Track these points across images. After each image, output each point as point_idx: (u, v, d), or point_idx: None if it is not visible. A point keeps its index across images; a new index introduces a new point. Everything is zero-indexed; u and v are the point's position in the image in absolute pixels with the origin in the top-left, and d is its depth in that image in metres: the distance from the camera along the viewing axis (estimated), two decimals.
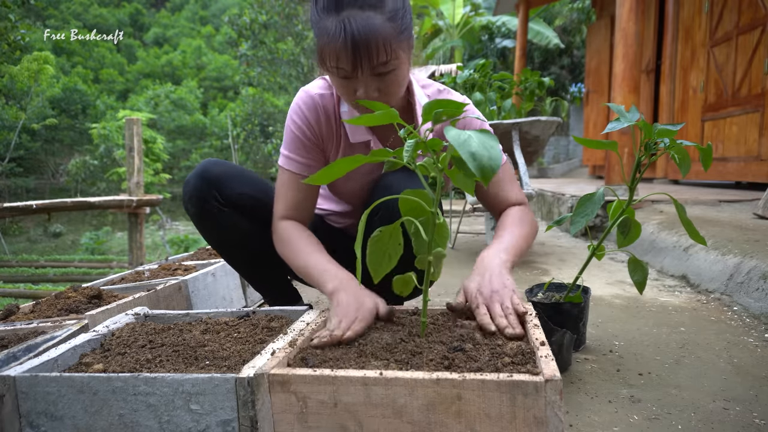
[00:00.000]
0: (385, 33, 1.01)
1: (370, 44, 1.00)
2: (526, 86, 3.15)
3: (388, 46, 1.02)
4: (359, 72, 1.03)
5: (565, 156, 13.19)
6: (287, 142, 1.25)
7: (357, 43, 0.99)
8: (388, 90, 1.09)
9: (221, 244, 1.37)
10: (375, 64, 1.02)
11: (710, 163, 1.15)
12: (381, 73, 1.05)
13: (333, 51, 1.01)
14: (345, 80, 1.07)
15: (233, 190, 1.29)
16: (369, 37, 0.99)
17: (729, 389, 1.16)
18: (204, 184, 1.27)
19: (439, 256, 0.92)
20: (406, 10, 1.07)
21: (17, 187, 22.22)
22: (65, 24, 36.66)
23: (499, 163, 0.74)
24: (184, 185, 1.30)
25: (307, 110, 1.23)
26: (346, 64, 1.02)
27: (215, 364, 0.91)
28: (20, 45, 10.36)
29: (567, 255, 2.96)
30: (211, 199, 1.27)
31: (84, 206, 7.29)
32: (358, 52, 1.00)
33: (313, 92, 1.24)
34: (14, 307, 1.44)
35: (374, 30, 1.00)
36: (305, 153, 1.24)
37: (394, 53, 1.04)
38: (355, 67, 1.02)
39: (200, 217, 1.30)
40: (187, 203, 1.30)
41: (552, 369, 0.74)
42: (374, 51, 1.01)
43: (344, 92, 1.11)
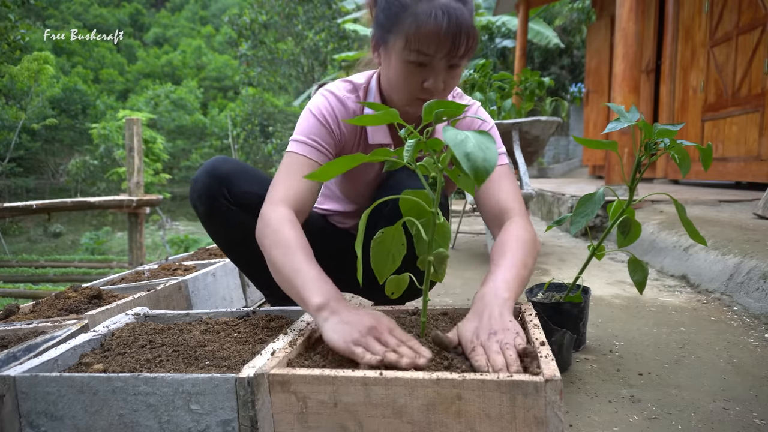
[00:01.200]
0: (471, 21, 1.05)
1: (467, 34, 1.04)
2: (526, 86, 3.15)
3: (472, 39, 1.06)
4: (447, 58, 1.06)
5: (565, 156, 13.19)
6: (304, 127, 1.19)
7: (457, 30, 1.03)
8: (451, 84, 1.12)
9: (228, 242, 1.35)
10: (462, 53, 1.06)
11: (710, 163, 1.15)
12: (454, 65, 1.09)
13: (431, 35, 1.03)
14: (418, 68, 1.07)
15: (241, 188, 1.26)
16: (466, 26, 1.04)
17: (729, 389, 1.16)
18: (213, 181, 1.25)
19: (441, 257, 0.91)
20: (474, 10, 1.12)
21: (17, 187, 22.22)
22: (65, 24, 36.68)
23: (494, 165, 0.73)
24: (192, 183, 1.28)
25: (336, 109, 1.21)
26: (438, 50, 1.04)
27: (215, 364, 0.91)
28: (20, 45, 10.37)
29: (567, 255, 2.96)
30: (220, 197, 1.25)
31: (84, 206, 7.29)
32: (457, 39, 1.03)
33: (342, 95, 1.22)
34: (14, 307, 1.44)
35: (468, 21, 1.04)
36: (321, 140, 1.18)
37: (474, 48, 1.08)
38: (449, 52, 1.05)
39: (209, 215, 1.28)
40: (196, 201, 1.28)
41: (552, 369, 0.74)
42: (465, 41, 1.05)
43: (410, 82, 1.09)
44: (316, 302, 0.91)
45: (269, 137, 18.45)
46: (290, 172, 1.14)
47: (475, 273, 2.52)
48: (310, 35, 16.87)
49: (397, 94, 1.14)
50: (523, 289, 1.05)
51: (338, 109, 1.21)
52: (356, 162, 0.84)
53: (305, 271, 0.97)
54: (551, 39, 12.08)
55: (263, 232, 1.07)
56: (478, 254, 3.05)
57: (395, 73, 1.11)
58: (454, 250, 3.24)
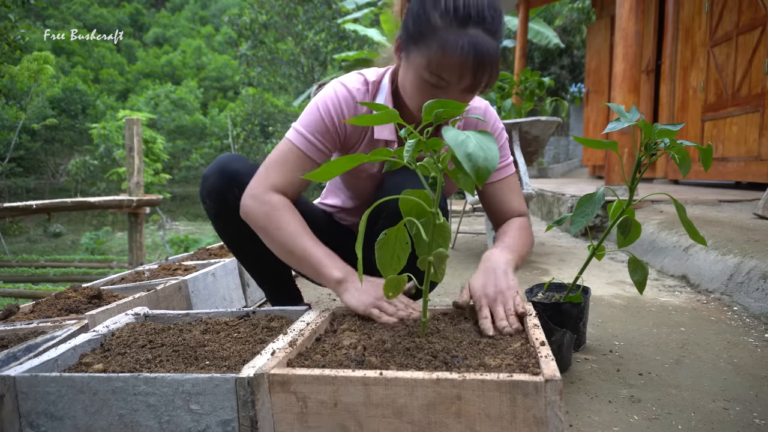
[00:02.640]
0: (497, 60, 1.06)
1: (491, 70, 1.05)
2: (526, 86, 3.15)
3: (496, 73, 1.07)
4: (468, 90, 1.07)
5: (565, 156, 13.18)
6: (308, 121, 1.20)
7: (481, 66, 1.03)
8: (462, 106, 1.12)
9: (236, 240, 1.35)
10: (483, 87, 1.08)
11: (710, 163, 1.15)
12: (473, 93, 1.10)
13: (455, 65, 1.03)
14: (435, 90, 1.08)
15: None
16: (492, 62, 1.04)
17: (729, 389, 1.16)
18: (224, 179, 1.26)
19: (440, 257, 0.92)
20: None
21: (17, 187, 22.22)
22: (65, 24, 36.69)
23: (496, 165, 0.74)
24: (203, 180, 1.29)
25: (344, 102, 1.21)
26: (459, 82, 1.05)
27: (215, 364, 0.91)
28: (20, 45, 10.37)
29: (567, 255, 2.96)
30: (230, 195, 1.25)
31: (84, 206, 7.29)
32: (480, 74, 1.04)
33: (352, 87, 1.22)
34: (14, 307, 1.44)
35: (495, 57, 1.05)
36: (322, 138, 1.20)
37: (496, 78, 1.10)
38: (472, 86, 1.06)
39: (218, 212, 1.29)
40: (206, 198, 1.28)
41: (552, 369, 0.74)
42: (489, 76, 1.06)
43: (422, 97, 1.10)
44: (337, 276, 1.09)
45: (269, 137, 18.45)
46: (286, 162, 1.19)
47: None
48: (310, 35, 16.87)
49: (408, 101, 1.16)
50: (523, 262, 1.21)
51: (346, 103, 1.21)
52: (356, 162, 0.85)
53: (318, 250, 1.12)
54: (551, 39, 12.07)
55: (268, 215, 1.14)
56: (478, 254, 3.05)
57: (410, 84, 1.12)
58: (454, 250, 3.24)
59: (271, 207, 1.14)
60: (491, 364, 0.82)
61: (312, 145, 1.19)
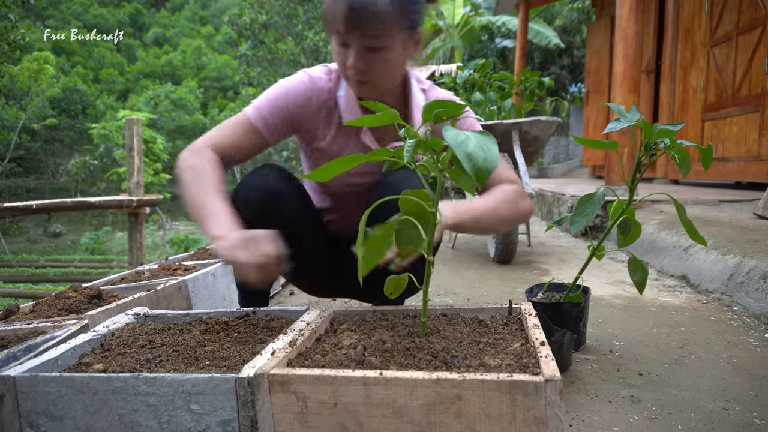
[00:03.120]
0: (386, 11, 1.07)
1: (365, 11, 1.06)
2: (526, 86, 3.15)
3: (382, 20, 1.07)
4: (351, 37, 1.09)
5: (565, 156, 13.19)
6: (265, 98, 1.25)
7: (354, 6, 1.05)
8: (374, 68, 1.13)
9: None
10: (367, 34, 1.08)
11: (710, 163, 1.15)
12: (372, 47, 1.10)
13: (332, 11, 1.07)
14: (342, 48, 1.12)
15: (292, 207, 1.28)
16: (374, 8, 1.05)
17: (729, 389, 1.16)
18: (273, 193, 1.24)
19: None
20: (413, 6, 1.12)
21: (17, 187, 22.22)
22: (65, 24, 36.69)
23: (495, 165, 0.74)
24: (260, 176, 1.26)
25: (301, 87, 1.25)
26: (341, 26, 1.08)
27: (215, 364, 0.91)
28: (20, 45, 10.37)
29: (567, 255, 2.96)
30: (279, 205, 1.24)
31: (84, 206, 7.28)
32: (352, 15, 1.06)
33: (314, 75, 1.27)
34: (14, 307, 1.44)
35: (377, 3, 1.06)
36: (273, 114, 1.24)
37: (387, 31, 1.09)
38: (348, 30, 1.08)
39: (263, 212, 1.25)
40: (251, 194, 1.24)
41: (552, 369, 0.74)
42: (367, 19, 1.06)
43: (338, 60, 1.15)
44: (214, 232, 1.04)
45: None
46: (231, 126, 1.23)
47: (476, 273, 2.52)
48: (310, 35, 16.86)
49: (340, 70, 1.19)
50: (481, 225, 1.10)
51: (304, 88, 1.25)
52: (356, 162, 0.85)
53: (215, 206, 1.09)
54: (551, 39, 12.08)
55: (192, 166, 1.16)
56: (478, 254, 3.05)
57: (333, 52, 1.16)
58: (454, 250, 3.24)
59: (198, 159, 1.16)
60: (491, 364, 0.82)
61: (262, 118, 1.23)
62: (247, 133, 1.23)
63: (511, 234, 2.58)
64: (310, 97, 1.26)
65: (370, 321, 1.07)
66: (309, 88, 1.26)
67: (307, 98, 1.26)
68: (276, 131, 1.25)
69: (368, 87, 1.17)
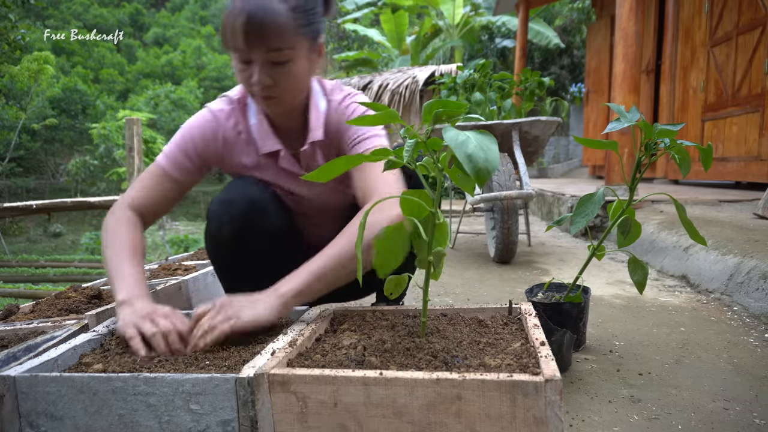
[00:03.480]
0: (282, 19, 1.05)
1: (264, 25, 1.03)
2: (526, 86, 3.15)
3: (282, 33, 1.05)
4: (251, 52, 1.06)
5: (565, 156, 13.19)
6: (174, 144, 1.25)
7: (251, 21, 1.03)
8: (282, 81, 1.11)
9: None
10: (268, 47, 1.06)
11: (710, 163, 1.15)
12: (275, 62, 1.08)
13: (230, 28, 1.05)
14: (243, 65, 1.10)
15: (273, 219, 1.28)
16: (264, 17, 1.03)
17: (729, 389, 1.16)
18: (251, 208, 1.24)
19: (439, 256, 0.91)
20: (312, 10, 1.10)
21: (17, 187, 22.21)
22: (65, 24, 36.69)
23: (496, 166, 0.74)
24: (226, 204, 1.24)
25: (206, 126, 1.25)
26: (240, 43, 1.05)
27: (215, 364, 0.91)
28: (20, 45, 10.37)
29: (567, 255, 2.96)
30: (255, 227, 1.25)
31: (84, 206, 7.28)
32: (250, 30, 1.03)
33: (216, 108, 1.27)
34: (14, 307, 1.44)
35: (271, 12, 1.03)
36: (185, 159, 1.24)
37: (289, 43, 1.07)
38: (248, 45, 1.05)
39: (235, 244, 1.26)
40: (226, 224, 1.24)
41: (552, 369, 0.74)
42: (267, 33, 1.04)
43: (241, 78, 1.12)
44: (120, 298, 1.06)
45: None
46: (145, 179, 1.25)
47: (476, 273, 2.52)
48: None
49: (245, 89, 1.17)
50: (326, 280, 1.04)
51: (210, 125, 1.25)
52: (356, 162, 0.85)
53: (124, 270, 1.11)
54: (551, 39, 12.07)
55: (106, 225, 1.19)
56: (478, 254, 3.05)
57: (235, 71, 1.14)
58: (454, 250, 3.24)
59: (115, 222, 1.19)
60: (491, 364, 0.82)
61: (174, 165, 1.24)
62: (163, 183, 1.24)
63: (511, 234, 2.58)
64: (216, 133, 1.25)
65: (370, 321, 1.07)
66: (213, 124, 1.25)
67: (213, 135, 1.25)
68: (191, 173, 1.26)
69: (276, 102, 1.16)
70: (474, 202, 2.50)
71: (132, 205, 1.23)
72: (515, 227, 2.57)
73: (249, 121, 1.26)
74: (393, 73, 9.44)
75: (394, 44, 14.56)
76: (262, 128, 1.24)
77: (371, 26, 16.95)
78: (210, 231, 1.28)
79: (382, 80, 8.92)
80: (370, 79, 9.21)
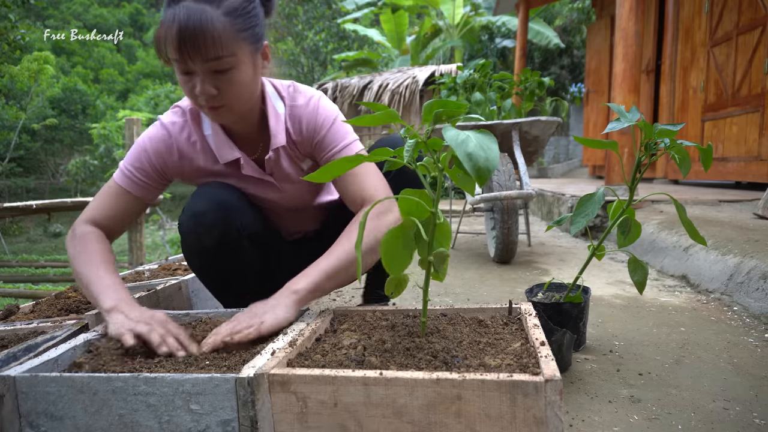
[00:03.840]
0: (218, 26, 1.01)
1: (198, 34, 0.99)
2: (526, 86, 3.15)
3: (219, 40, 1.02)
4: (190, 63, 1.03)
5: (565, 156, 13.19)
6: (130, 159, 1.23)
7: (184, 31, 0.99)
8: (226, 90, 1.08)
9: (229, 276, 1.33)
10: (206, 57, 1.02)
11: (710, 163, 1.15)
12: (217, 70, 1.05)
13: (164, 40, 1.02)
14: (186, 76, 1.07)
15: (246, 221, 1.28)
16: (198, 26, 0.99)
17: (729, 389, 1.16)
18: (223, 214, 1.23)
19: (442, 257, 0.91)
20: (250, 13, 1.07)
21: (17, 187, 22.20)
22: (65, 24, 36.68)
23: (496, 165, 0.74)
24: (199, 216, 1.23)
25: (161, 139, 1.23)
26: (176, 54, 1.02)
27: (215, 364, 0.91)
28: (20, 45, 10.37)
29: (567, 255, 2.96)
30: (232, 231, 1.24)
31: (84, 206, 7.25)
32: (185, 40, 1.00)
33: (168, 122, 1.24)
34: (14, 307, 1.44)
35: (204, 21, 0.99)
36: (141, 174, 1.23)
37: (229, 50, 1.04)
38: (184, 56, 1.02)
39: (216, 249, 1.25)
40: (204, 234, 1.23)
41: (552, 369, 0.74)
42: (203, 42, 1.00)
43: (186, 90, 1.09)
44: (108, 305, 1.04)
45: None
46: (103, 196, 1.23)
47: (476, 273, 2.52)
48: (310, 35, 16.86)
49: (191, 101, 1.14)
50: (338, 279, 1.09)
51: (163, 139, 1.23)
52: (356, 162, 0.85)
53: (104, 280, 1.10)
54: (551, 39, 12.08)
55: (70, 247, 1.17)
56: (478, 254, 3.05)
57: (180, 83, 1.10)
58: (454, 250, 3.24)
59: (78, 238, 1.17)
60: (491, 364, 0.82)
61: (131, 181, 1.22)
62: (123, 201, 1.22)
63: (511, 234, 2.58)
64: (170, 147, 1.23)
65: (370, 321, 1.07)
66: (166, 139, 1.23)
67: (168, 149, 1.23)
68: (150, 189, 1.24)
69: (225, 111, 1.12)
70: (474, 202, 2.50)
71: (93, 223, 1.21)
72: (515, 227, 2.57)
73: (204, 131, 1.23)
74: (393, 73, 9.45)
75: (394, 44, 14.56)
76: (218, 138, 1.22)
77: (371, 26, 16.95)
78: (188, 245, 1.26)
79: (382, 80, 8.93)
80: (370, 79, 9.22)
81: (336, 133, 1.23)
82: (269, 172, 1.28)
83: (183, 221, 1.24)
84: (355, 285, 2.24)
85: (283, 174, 1.29)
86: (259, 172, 1.27)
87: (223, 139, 1.22)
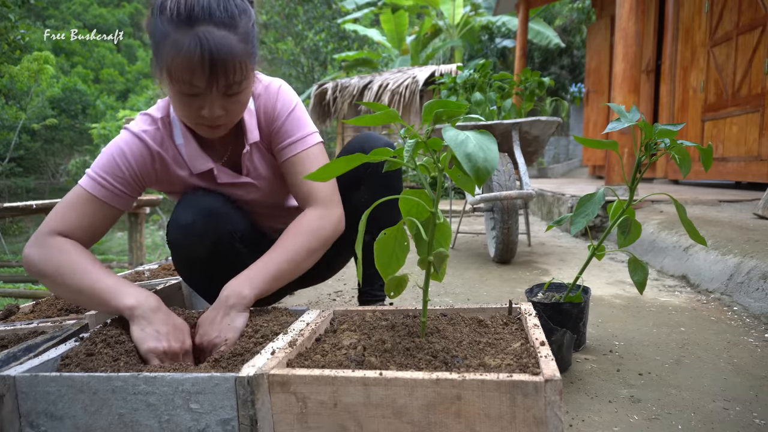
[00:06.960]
0: (241, 53, 1.02)
1: (227, 63, 1.00)
2: (526, 86, 3.15)
3: (243, 66, 1.03)
4: (213, 90, 1.03)
5: (565, 156, 13.19)
6: (100, 165, 1.16)
7: (215, 60, 0.99)
8: (233, 109, 1.09)
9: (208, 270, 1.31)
10: (230, 82, 1.03)
11: (710, 163, 1.15)
12: (231, 93, 1.06)
13: (188, 67, 0.99)
14: (191, 98, 1.05)
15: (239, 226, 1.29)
16: (227, 55, 1.00)
17: (729, 389, 1.16)
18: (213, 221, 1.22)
19: (441, 257, 0.91)
20: (254, 34, 1.08)
21: (17, 187, 22.20)
22: (65, 24, 36.67)
23: (495, 165, 0.74)
24: (187, 227, 1.21)
25: (133, 147, 1.18)
26: (201, 81, 1.01)
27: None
28: (20, 45, 10.38)
29: (567, 255, 2.96)
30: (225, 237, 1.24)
31: None
32: (215, 69, 0.99)
33: (139, 130, 1.19)
34: (14, 307, 1.44)
35: (232, 49, 1.00)
36: (114, 181, 1.16)
37: (246, 74, 1.05)
38: (211, 84, 1.01)
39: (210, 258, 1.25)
40: (197, 244, 1.21)
41: (552, 369, 0.74)
42: (231, 70, 1.01)
43: (187, 111, 1.07)
44: (128, 303, 1.02)
45: None
46: (71, 204, 1.13)
47: (476, 273, 2.52)
48: (310, 35, 16.87)
49: (182, 118, 1.12)
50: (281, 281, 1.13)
51: (140, 145, 1.19)
52: (356, 162, 0.85)
53: (107, 280, 1.06)
54: (551, 39, 12.08)
55: (37, 257, 1.08)
56: (478, 254, 3.05)
57: (174, 103, 1.08)
58: (454, 250, 3.24)
59: (56, 248, 1.08)
60: (491, 364, 0.82)
61: (103, 188, 1.14)
62: (94, 210, 1.14)
63: (511, 234, 2.58)
64: (149, 153, 1.20)
65: (370, 321, 1.07)
66: (142, 146, 1.19)
67: (149, 154, 1.20)
68: (123, 196, 1.17)
69: (223, 128, 1.13)
70: (474, 202, 2.50)
71: (60, 235, 1.11)
72: (515, 227, 2.57)
73: (175, 140, 1.21)
74: (393, 73, 9.44)
75: (394, 44, 14.57)
76: (190, 147, 1.20)
77: (371, 26, 16.96)
78: (180, 256, 1.25)
79: (382, 80, 8.93)
80: (370, 79, 9.22)
81: (293, 122, 1.23)
82: (245, 172, 1.27)
83: (173, 234, 1.21)
84: (355, 285, 2.24)
85: (257, 171, 1.29)
86: (233, 176, 1.26)
87: (194, 148, 1.21)
